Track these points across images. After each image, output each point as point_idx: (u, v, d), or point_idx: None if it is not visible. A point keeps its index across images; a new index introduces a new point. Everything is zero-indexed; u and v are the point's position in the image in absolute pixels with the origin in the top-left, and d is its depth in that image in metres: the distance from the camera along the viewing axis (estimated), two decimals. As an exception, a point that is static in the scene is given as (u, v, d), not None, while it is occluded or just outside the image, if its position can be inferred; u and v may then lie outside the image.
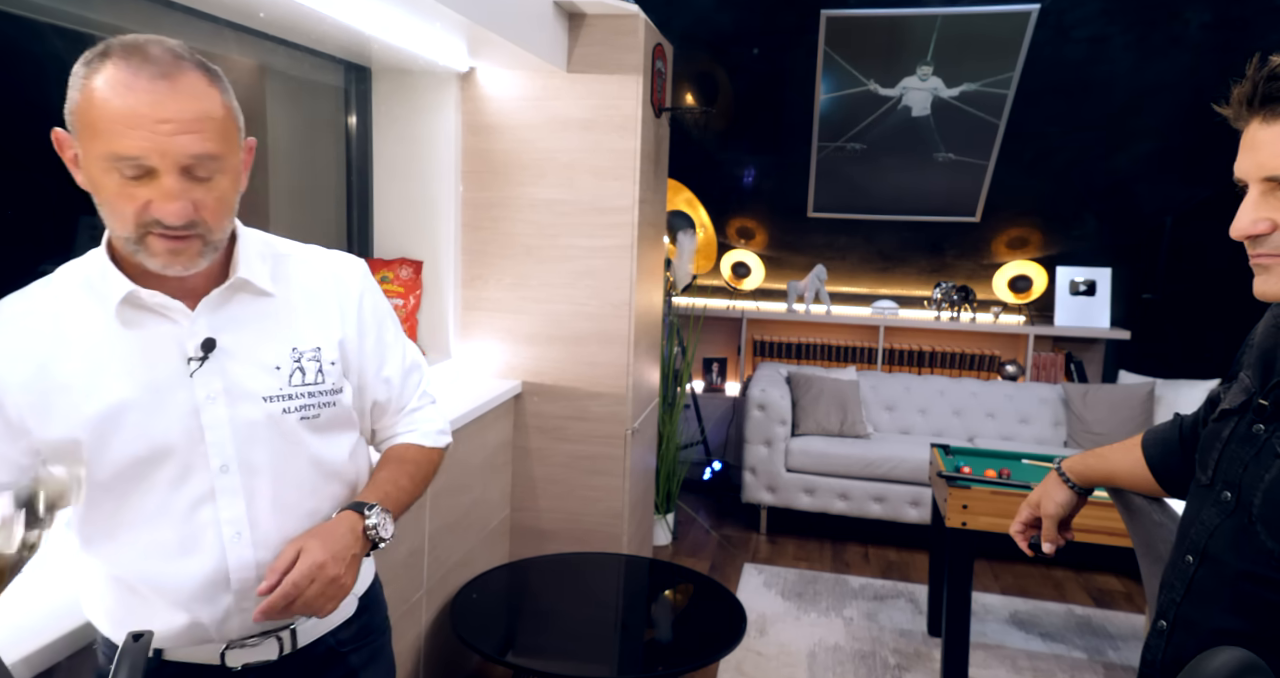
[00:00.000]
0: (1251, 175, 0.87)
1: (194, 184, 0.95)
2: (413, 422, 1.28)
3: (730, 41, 4.04)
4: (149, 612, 1.07)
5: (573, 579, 2.70)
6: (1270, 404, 0.93)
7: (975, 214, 4.50)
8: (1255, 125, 0.86)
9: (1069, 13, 3.59)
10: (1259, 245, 0.87)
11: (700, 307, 4.82)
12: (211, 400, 1.05)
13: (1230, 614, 0.92)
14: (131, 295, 1.02)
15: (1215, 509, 0.96)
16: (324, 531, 1.06)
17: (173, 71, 0.93)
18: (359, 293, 1.19)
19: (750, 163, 4.62)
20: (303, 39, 2.40)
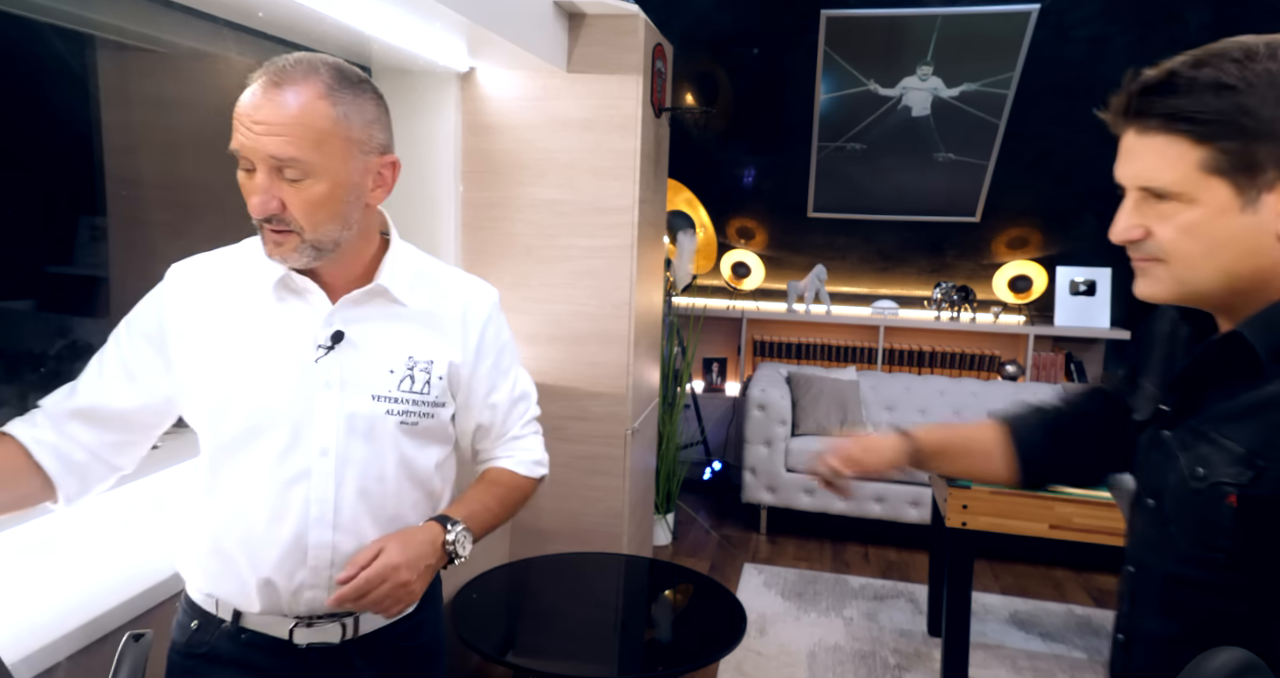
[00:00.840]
0: (1129, 182, 0.90)
1: (283, 183, 1.05)
2: (513, 449, 1.34)
3: (730, 41, 4.04)
4: (234, 571, 1.14)
5: (573, 579, 2.70)
6: (1171, 409, 0.95)
7: (975, 214, 4.51)
8: (1131, 135, 0.88)
9: (1069, 13, 3.59)
10: (1137, 250, 0.91)
11: (700, 307, 4.82)
12: (328, 387, 1.13)
13: (1166, 620, 0.94)
14: (286, 277, 1.14)
15: (1144, 518, 0.98)
16: (406, 536, 1.11)
17: (286, 81, 1.03)
18: (484, 320, 1.27)
19: (750, 163, 4.62)
20: (303, 39, 2.40)
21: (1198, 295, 0.91)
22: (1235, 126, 0.81)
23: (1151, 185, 0.87)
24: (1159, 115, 0.85)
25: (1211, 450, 0.88)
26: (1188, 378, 0.94)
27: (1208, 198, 0.84)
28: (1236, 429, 0.86)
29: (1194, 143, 0.83)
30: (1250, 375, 0.87)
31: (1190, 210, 0.85)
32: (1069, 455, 1.23)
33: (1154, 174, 0.86)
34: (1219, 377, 0.90)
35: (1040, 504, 2.66)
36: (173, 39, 2.02)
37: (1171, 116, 0.84)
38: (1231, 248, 0.85)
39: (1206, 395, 0.91)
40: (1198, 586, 0.90)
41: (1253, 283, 0.87)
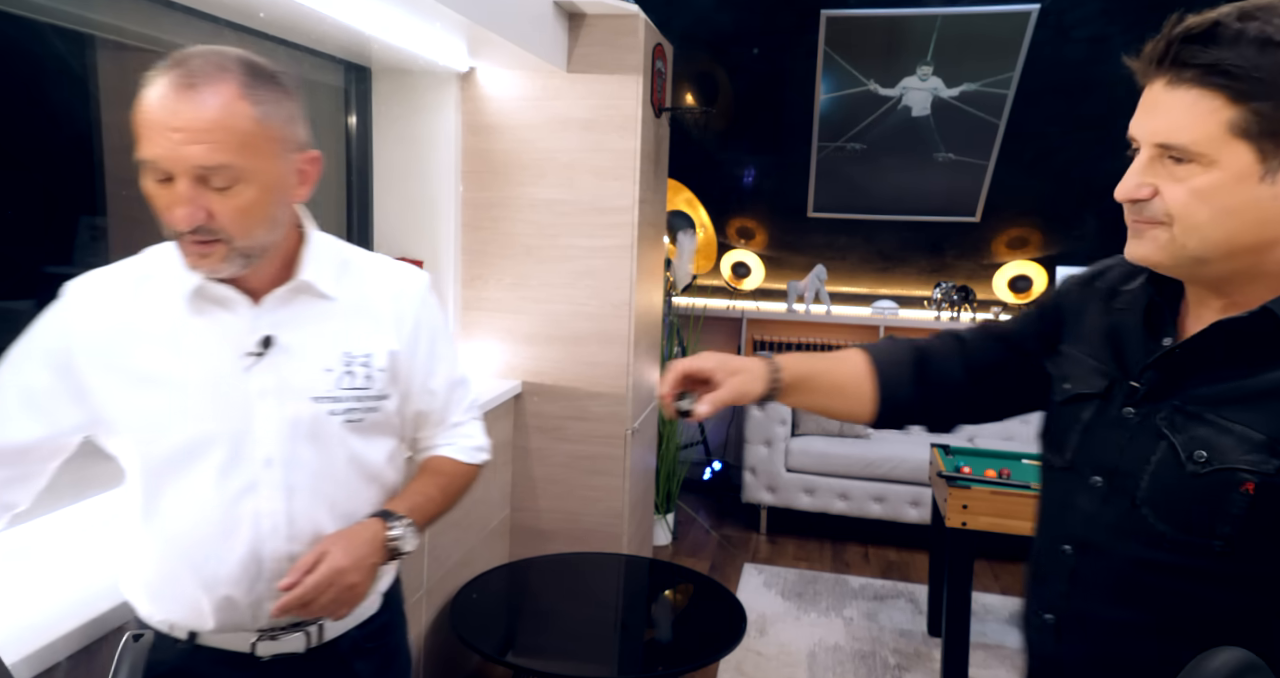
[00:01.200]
0: (1146, 138, 0.85)
1: (209, 192, 0.98)
2: (453, 436, 1.31)
3: (730, 41, 4.04)
4: (185, 593, 1.10)
5: (573, 579, 2.70)
6: (1143, 386, 0.91)
7: (975, 214, 4.50)
8: (1159, 86, 0.83)
9: (1069, 13, 3.59)
10: (1139, 211, 0.86)
11: (700, 307, 4.82)
12: (263, 396, 1.09)
13: (1125, 606, 0.91)
14: (202, 287, 1.07)
15: (1088, 496, 0.94)
16: (348, 536, 1.08)
17: (200, 82, 0.95)
18: (416, 305, 1.22)
19: (750, 163, 4.62)
20: (303, 39, 2.40)
21: (1193, 263, 0.86)
22: (1275, 87, 0.77)
23: (1173, 142, 0.82)
24: (1197, 66, 0.79)
25: (1214, 434, 0.84)
26: (1175, 355, 0.89)
27: (1229, 162, 0.80)
28: (1248, 414, 0.82)
29: (1228, 100, 0.78)
30: (1263, 357, 0.83)
31: (1207, 173, 0.81)
32: (933, 398, 1.15)
33: (1178, 131, 0.81)
34: (1213, 355, 0.87)
35: (1040, 504, 2.65)
36: (173, 39, 2.02)
37: (1210, 68, 0.78)
38: (1241, 217, 0.81)
39: (1193, 374, 0.88)
40: (1176, 571, 0.86)
41: (1251, 256, 0.84)
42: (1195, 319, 0.91)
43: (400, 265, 1.26)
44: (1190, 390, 0.88)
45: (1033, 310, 1.13)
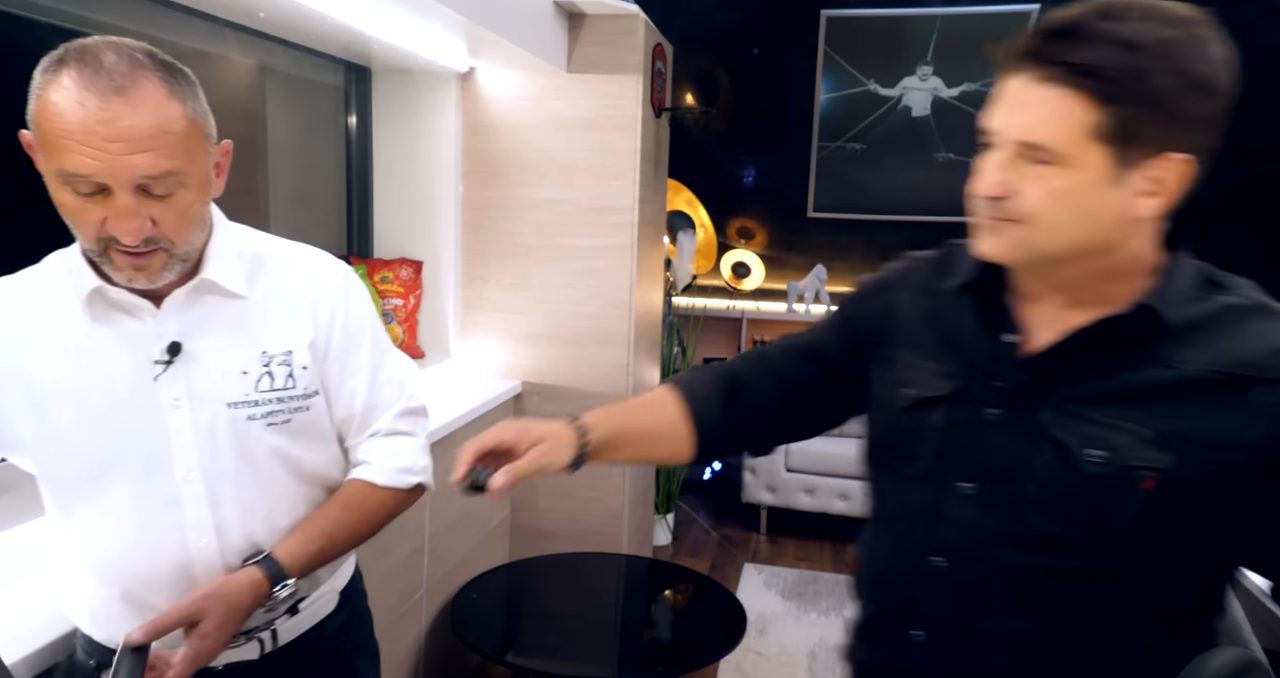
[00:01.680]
0: (1009, 134, 0.82)
1: (151, 201, 0.92)
2: (376, 451, 1.16)
3: (730, 42, 4.04)
4: (120, 612, 1.06)
5: (573, 579, 2.70)
6: (1009, 386, 0.88)
7: (975, 214, 4.50)
8: (1026, 80, 0.81)
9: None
10: (995, 208, 0.84)
11: (700, 307, 4.82)
12: (176, 406, 1.02)
13: (1017, 615, 0.87)
14: (98, 291, 1.00)
15: (960, 504, 0.89)
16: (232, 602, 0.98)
17: (127, 84, 0.88)
18: (332, 296, 1.13)
19: (750, 163, 4.62)
20: (303, 39, 2.40)
21: (1046, 262, 0.86)
22: (1135, 92, 0.76)
23: (1037, 141, 0.80)
24: (1067, 64, 0.77)
25: (1105, 432, 0.82)
26: (1057, 354, 0.87)
27: (1088, 165, 0.79)
28: (1133, 411, 0.82)
29: (1094, 103, 0.77)
30: (1132, 354, 0.83)
31: (1066, 175, 0.80)
32: (748, 425, 1.11)
33: (1041, 129, 0.79)
34: (1089, 354, 0.85)
35: (1040, 504, 2.65)
36: (173, 39, 2.02)
37: (1079, 68, 0.77)
38: (1094, 220, 0.82)
39: (1063, 374, 0.86)
40: (1069, 575, 0.84)
41: (1100, 256, 0.84)
42: (1036, 316, 0.90)
43: (318, 255, 1.17)
44: (1063, 389, 0.86)
45: (834, 320, 1.10)
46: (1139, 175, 0.80)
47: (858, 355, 1.04)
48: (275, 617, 1.08)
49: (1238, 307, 0.84)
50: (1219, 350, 0.81)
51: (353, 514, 1.12)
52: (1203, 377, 0.81)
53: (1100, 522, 0.82)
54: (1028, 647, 0.88)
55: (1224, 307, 0.84)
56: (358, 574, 1.30)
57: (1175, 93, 0.77)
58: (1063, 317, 0.88)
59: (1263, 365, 0.80)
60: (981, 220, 0.86)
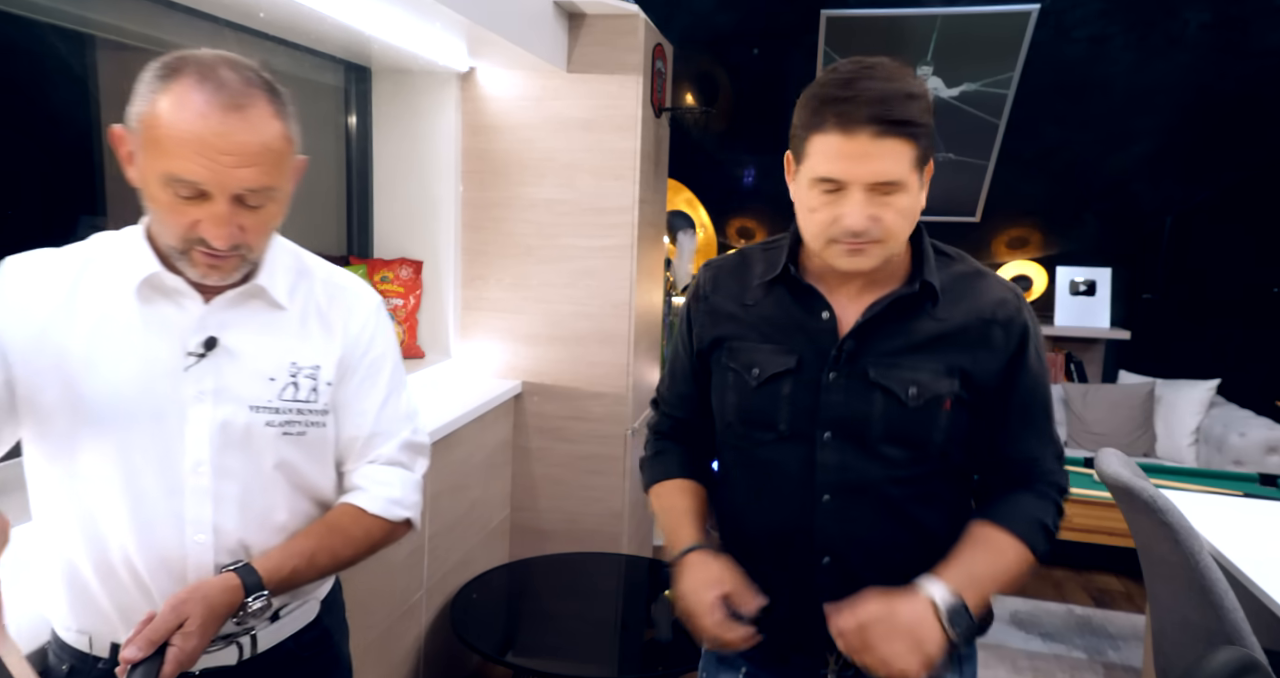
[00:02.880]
0: (862, 179, 1.04)
1: (243, 210, 0.98)
2: (370, 478, 1.18)
3: (730, 42, 4.04)
4: (104, 604, 1.06)
5: (573, 579, 2.70)
6: (845, 354, 1.14)
7: (975, 214, 4.50)
8: (865, 139, 1.03)
9: (1069, 13, 3.59)
10: (863, 236, 1.07)
11: (700, 307, 4.82)
12: (200, 399, 1.05)
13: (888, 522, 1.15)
14: (155, 276, 1.04)
15: (827, 451, 1.14)
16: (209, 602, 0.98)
17: (244, 102, 0.95)
18: (364, 319, 1.18)
19: (750, 163, 4.62)
20: (303, 39, 2.40)
21: (887, 262, 1.14)
22: (926, 127, 1.05)
23: (888, 179, 1.04)
24: (894, 121, 1.02)
25: (913, 374, 1.12)
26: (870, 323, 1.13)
27: (912, 184, 1.07)
28: (922, 357, 1.13)
29: (912, 143, 1.04)
30: (914, 317, 1.14)
31: (905, 196, 1.06)
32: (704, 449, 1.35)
33: (890, 170, 1.04)
34: (888, 319, 1.14)
35: (1040, 504, 2.65)
36: (173, 39, 2.02)
37: (905, 124, 1.03)
38: (913, 222, 1.11)
39: (872, 337, 1.14)
40: (911, 481, 1.14)
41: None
42: (839, 296, 1.17)
43: (356, 280, 1.22)
44: (878, 348, 1.13)
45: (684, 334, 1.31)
46: (924, 180, 1.10)
47: (702, 356, 1.27)
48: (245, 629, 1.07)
49: (966, 272, 1.18)
50: (966, 306, 1.15)
51: (337, 538, 1.13)
52: (962, 325, 1.14)
53: (924, 439, 1.13)
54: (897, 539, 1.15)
55: (959, 273, 1.18)
56: (338, 586, 1.30)
57: (930, 119, 1.07)
58: (861, 294, 1.16)
59: (994, 312, 1.14)
60: (843, 246, 1.08)
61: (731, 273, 1.26)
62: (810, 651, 1.21)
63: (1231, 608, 1.59)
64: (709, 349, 1.25)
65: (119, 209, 1.96)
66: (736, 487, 1.25)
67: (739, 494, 1.24)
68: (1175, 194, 4.37)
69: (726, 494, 1.28)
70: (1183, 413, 4.11)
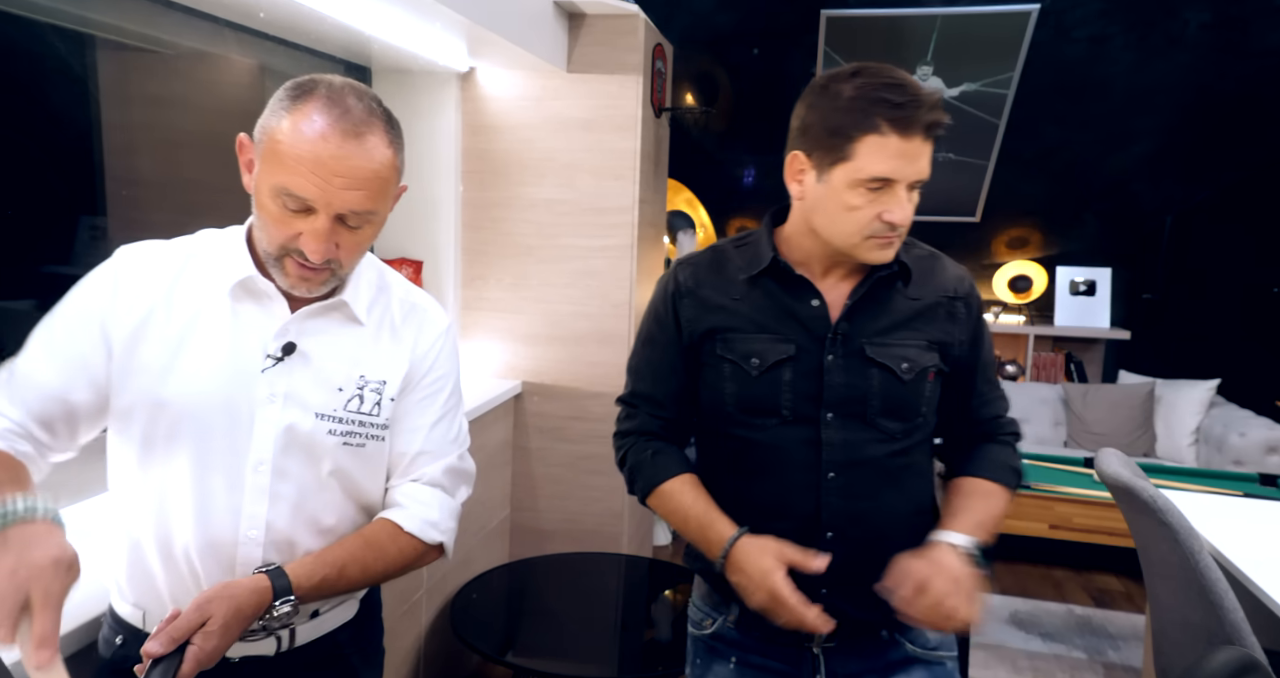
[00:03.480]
0: (909, 178, 1.13)
1: (342, 229, 1.04)
2: (410, 495, 1.19)
3: (730, 42, 4.04)
4: (158, 584, 1.10)
5: (573, 579, 2.70)
6: (840, 337, 1.20)
7: (975, 214, 4.51)
8: (918, 142, 1.11)
9: (1069, 13, 3.59)
10: (895, 230, 1.15)
11: (700, 307, 4.82)
12: (270, 400, 1.09)
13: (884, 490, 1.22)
14: (249, 279, 1.09)
15: (831, 430, 1.20)
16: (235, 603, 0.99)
17: (364, 130, 1.01)
18: (434, 339, 1.21)
19: (750, 163, 4.62)
20: (303, 39, 2.40)
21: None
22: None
23: (926, 177, 1.14)
24: (940, 126, 1.12)
25: (903, 351, 1.21)
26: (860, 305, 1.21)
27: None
28: (906, 333, 1.22)
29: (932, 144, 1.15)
30: (889, 295, 1.23)
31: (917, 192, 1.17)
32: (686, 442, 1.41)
33: (927, 169, 1.14)
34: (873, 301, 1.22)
35: (1040, 504, 2.66)
36: (173, 39, 2.02)
37: (939, 126, 1.13)
38: None
39: (861, 319, 1.21)
40: (903, 452, 1.22)
41: None
42: (824, 284, 1.23)
43: (430, 301, 1.26)
44: (867, 329, 1.21)
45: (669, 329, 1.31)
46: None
47: (692, 348, 1.29)
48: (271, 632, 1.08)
49: (924, 254, 1.29)
50: (933, 284, 1.25)
51: (371, 552, 1.14)
52: (932, 302, 1.24)
53: (914, 409, 1.23)
54: (890, 506, 1.22)
55: (919, 255, 1.28)
56: (377, 586, 1.31)
57: None
58: (842, 281, 1.24)
59: (956, 289, 1.26)
60: (878, 240, 1.16)
61: (710, 268, 1.29)
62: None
63: (1231, 608, 1.59)
64: (699, 342, 1.27)
65: (119, 209, 1.96)
66: (727, 473, 1.28)
67: (730, 480, 1.27)
68: (1175, 194, 4.37)
69: (713, 481, 1.28)
70: (1183, 413, 4.11)
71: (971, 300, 1.27)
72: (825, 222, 1.18)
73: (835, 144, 1.13)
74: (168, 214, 2.11)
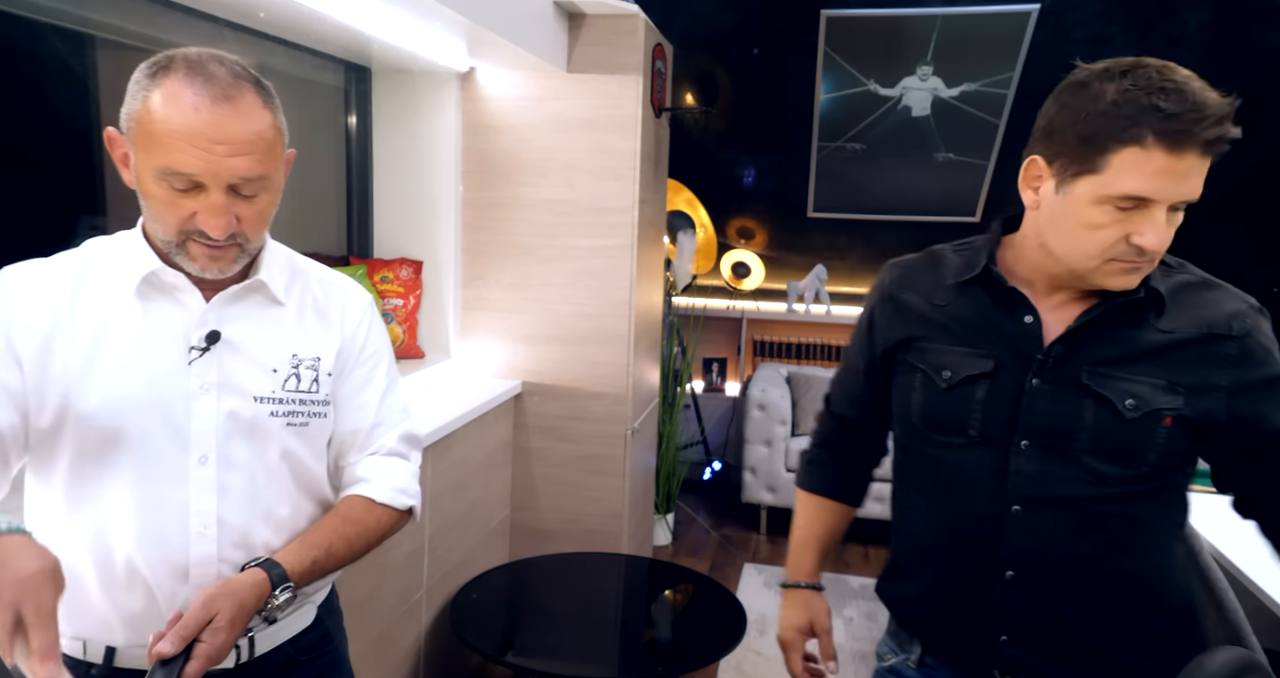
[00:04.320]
0: (1171, 198, 0.97)
1: (238, 200, 1.01)
2: (375, 469, 1.20)
3: (730, 42, 4.04)
4: (102, 604, 1.06)
5: (573, 579, 2.70)
6: (1052, 359, 1.08)
7: (975, 214, 4.50)
8: (1193, 158, 0.95)
9: (1069, 13, 3.59)
10: (1144, 255, 1.00)
11: (700, 307, 4.82)
12: (204, 391, 1.06)
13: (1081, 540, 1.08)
14: (155, 273, 1.05)
15: (1022, 459, 1.08)
16: (237, 596, 0.99)
17: (233, 93, 0.97)
18: (360, 314, 1.22)
19: (750, 163, 4.62)
20: (303, 39, 2.40)
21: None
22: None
23: (1192, 199, 0.98)
24: (1224, 141, 0.96)
25: (1132, 386, 1.05)
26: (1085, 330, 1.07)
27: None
28: (1143, 367, 1.05)
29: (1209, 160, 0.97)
30: (1137, 324, 1.07)
31: (1179, 214, 1.01)
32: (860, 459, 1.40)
33: (1198, 189, 0.98)
34: (1104, 328, 1.07)
35: (1040, 504, 2.65)
36: (173, 39, 2.02)
37: (1223, 141, 0.96)
38: None
39: (1090, 344, 1.07)
40: (1115, 499, 1.06)
41: None
42: (1046, 302, 1.11)
43: (347, 279, 1.24)
44: (1092, 356, 1.07)
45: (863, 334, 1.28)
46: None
47: (886, 356, 1.23)
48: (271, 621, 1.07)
49: (1192, 282, 1.11)
50: (1194, 317, 1.06)
51: (352, 528, 1.15)
52: (1188, 337, 1.05)
53: (1137, 454, 1.05)
54: (1089, 561, 1.08)
55: (1183, 283, 1.10)
56: (334, 592, 1.30)
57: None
58: (1070, 301, 1.09)
59: (1227, 326, 1.06)
60: (1122, 265, 1.02)
61: (920, 271, 1.21)
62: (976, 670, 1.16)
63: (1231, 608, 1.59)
64: (894, 349, 1.20)
65: (119, 209, 1.96)
66: (913, 490, 1.22)
67: (916, 496, 1.22)
68: (1175, 194, 4.36)
69: (902, 496, 1.25)
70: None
71: (1251, 342, 1.05)
72: (1059, 238, 1.04)
73: (1085, 154, 0.98)
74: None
